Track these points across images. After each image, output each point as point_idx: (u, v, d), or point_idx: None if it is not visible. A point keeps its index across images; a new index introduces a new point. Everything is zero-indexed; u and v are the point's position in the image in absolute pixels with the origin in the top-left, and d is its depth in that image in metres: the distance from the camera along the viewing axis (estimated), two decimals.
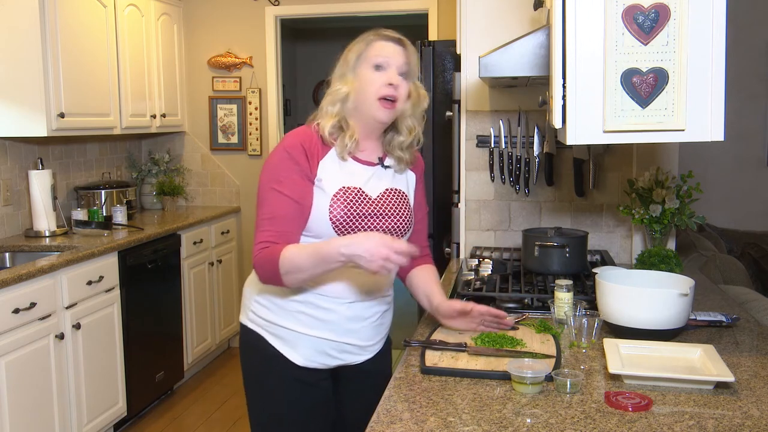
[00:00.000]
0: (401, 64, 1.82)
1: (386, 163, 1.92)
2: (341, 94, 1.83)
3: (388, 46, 1.82)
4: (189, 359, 4.38)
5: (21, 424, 2.89)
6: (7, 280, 2.80)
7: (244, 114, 5.08)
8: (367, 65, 1.81)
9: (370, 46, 1.83)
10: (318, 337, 1.86)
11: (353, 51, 1.84)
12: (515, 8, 2.85)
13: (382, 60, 1.81)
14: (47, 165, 3.92)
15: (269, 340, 1.89)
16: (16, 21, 3.48)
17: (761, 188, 4.82)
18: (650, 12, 1.72)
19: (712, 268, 3.24)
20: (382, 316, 1.96)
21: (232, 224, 5.00)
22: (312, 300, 1.84)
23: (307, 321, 1.85)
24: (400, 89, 1.82)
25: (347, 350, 1.90)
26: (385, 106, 1.81)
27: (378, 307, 1.93)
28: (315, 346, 1.86)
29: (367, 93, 1.81)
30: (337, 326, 1.86)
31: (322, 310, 1.84)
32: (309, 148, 1.81)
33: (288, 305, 1.86)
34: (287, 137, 1.86)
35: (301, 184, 1.79)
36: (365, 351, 1.93)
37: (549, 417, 1.40)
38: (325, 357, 1.88)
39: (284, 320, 1.86)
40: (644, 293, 1.84)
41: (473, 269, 2.66)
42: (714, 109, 1.74)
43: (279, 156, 1.82)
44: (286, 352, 1.87)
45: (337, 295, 1.84)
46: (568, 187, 2.97)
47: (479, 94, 3.00)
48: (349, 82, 1.82)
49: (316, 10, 4.95)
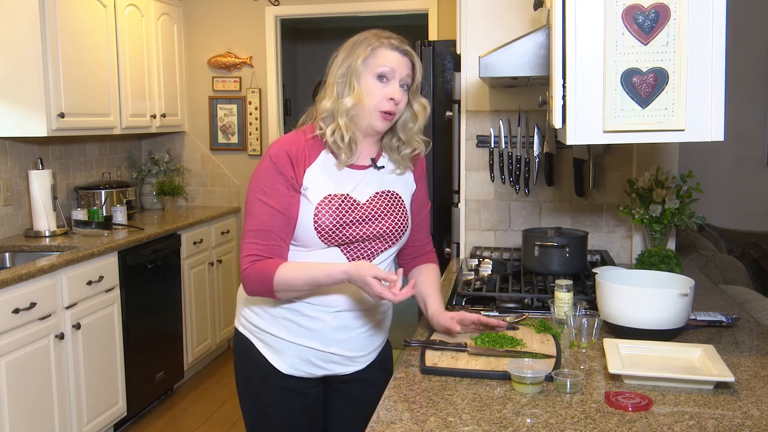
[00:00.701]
0: (405, 76, 1.78)
1: (380, 163, 1.88)
2: (347, 107, 1.78)
3: (394, 57, 1.77)
4: (189, 359, 4.38)
5: (21, 424, 2.89)
6: (7, 280, 2.80)
7: (244, 114, 5.08)
8: (370, 74, 1.77)
9: (375, 53, 1.77)
10: (303, 345, 1.83)
11: (360, 57, 1.77)
12: (515, 8, 2.85)
13: (386, 70, 1.77)
14: (47, 165, 3.92)
15: (258, 346, 1.88)
16: (16, 21, 3.48)
17: (761, 188, 4.82)
18: (650, 12, 1.72)
19: (712, 268, 3.24)
20: (374, 327, 1.91)
21: (232, 224, 5.00)
22: (298, 308, 1.82)
23: (293, 329, 1.83)
24: (401, 104, 1.79)
25: (334, 360, 1.86)
26: (384, 118, 1.79)
27: (370, 317, 1.88)
28: (300, 355, 1.84)
29: (368, 104, 1.77)
30: (323, 335, 1.83)
31: (307, 319, 1.82)
32: (295, 156, 1.77)
33: (275, 312, 1.84)
34: (273, 145, 1.82)
35: (286, 194, 1.76)
36: (354, 362, 1.89)
37: (549, 417, 1.40)
38: (310, 366, 1.86)
39: (272, 327, 1.85)
40: (644, 293, 1.84)
41: (473, 269, 2.66)
42: (714, 109, 1.74)
43: (265, 166, 1.78)
44: (272, 360, 1.86)
45: (324, 304, 1.81)
46: (568, 187, 2.97)
47: (479, 94, 3.00)
48: (356, 95, 1.77)
49: (316, 10, 4.95)
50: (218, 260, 4.75)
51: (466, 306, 2.22)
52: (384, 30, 1.84)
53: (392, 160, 1.90)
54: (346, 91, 1.78)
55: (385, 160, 1.90)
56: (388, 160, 1.90)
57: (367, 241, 1.82)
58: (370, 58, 1.77)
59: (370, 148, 1.88)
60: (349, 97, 1.77)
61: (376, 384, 1.83)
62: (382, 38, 1.79)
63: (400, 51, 1.78)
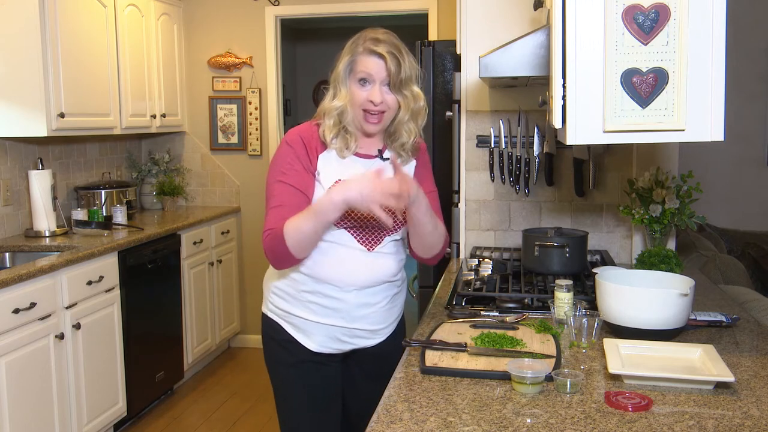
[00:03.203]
0: (383, 78, 1.89)
1: (385, 155, 2.00)
2: (336, 109, 1.92)
3: (371, 62, 1.88)
4: (189, 359, 4.38)
5: (21, 424, 2.89)
6: (7, 280, 2.80)
7: (244, 114, 5.08)
8: (353, 79, 1.91)
9: (355, 60, 1.90)
10: (330, 324, 1.98)
11: (343, 61, 1.92)
12: (515, 8, 2.85)
13: (365, 75, 1.89)
14: (47, 165, 3.92)
15: (286, 327, 2.02)
16: (16, 21, 3.48)
17: (761, 188, 4.82)
18: (650, 12, 1.72)
19: (712, 268, 3.24)
20: (391, 300, 2.05)
21: (232, 224, 5.00)
22: (320, 290, 1.95)
23: (318, 310, 1.97)
24: (385, 102, 1.89)
25: (358, 335, 2.01)
26: (371, 120, 1.92)
27: (386, 292, 2.02)
28: (327, 333, 1.99)
29: (354, 107, 1.91)
30: (347, 314, 1.97)
31: (330, 299, 1.95)
32: (308, 142, 1.93)
33: (300, 296, 1.98)
34: (289, 132, 1.97)
35: (304, 175, 1.90)
36: (377, 335, 2.04)
37: (549, 417, 1.40)
38: (338, 342, 2.01)
39: (298, 309, 1.99)
40: (644, 293, 1.84)
41: (473, 269, 2.66)
42: (714, 109, 1.74)
43: (282, 150, 1.94)
44: (302, 339, 2.01)
45: (344, 284, 1.94)
46: (568, 187, 2.97)
47: (479, 94, 3.00)
48: (342, 97, 1.91)
49: (316, 10, 4.95)
50: (218, 260, 4.75)
51: (465, 306, 2.22)
52: (375, 29, 1.94)
53: (394, 151, 2.00)
54: (336, 94, 1.94)
55: (390, 153, 2.01)
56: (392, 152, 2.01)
57: (373, 228, 1.94)
58: (350, 64, 1.91)
59: (376, 140, 2.00)
60: (336, 98, 1.93)
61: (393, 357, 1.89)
62: (366, 41, 1.90)
63: (376, 55, 1.88)
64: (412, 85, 1.92)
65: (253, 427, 3.84)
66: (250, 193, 5.09)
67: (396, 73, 1.88)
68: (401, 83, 1.89)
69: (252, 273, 5.13)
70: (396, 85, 1.89)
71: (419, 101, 1.95)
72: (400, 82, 1.89)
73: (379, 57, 1.88)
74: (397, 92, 1.90)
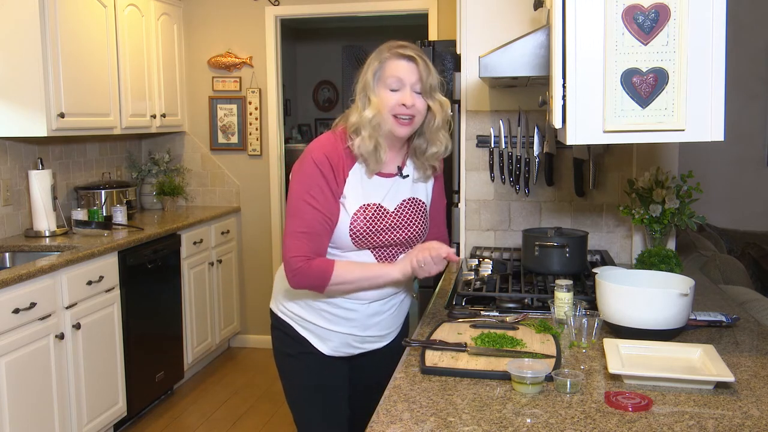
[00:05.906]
0: (414, 82, 1.89)
1: (405, 172, 2.02)
2: (371, 120, 1.90)
3: (401, 65, 1.89)
4: (189, 359, 4.38)
5: (21, 424, 2.89)
6: (7, 280, 2.80)
7: (244, 114, 5.08)
8: (383, 86, 1.90)
9: (384, 65, 1.91)
10: (344, 332, 2.04)
11: (371, 69, 1.92)
12: (515, 8, 2.85)
13: (396, 81, 1.89)
14: (47, 165, 3.92)
15: (299, 330, 2.07)
16: (15, 21, 3.48)
17: (761, 188, 4.82)
18: (650, 12, 1.72)
19: (712, 268, 3.24)
20: (399, 306, 2.12)
21: (232, 224, 5.00)
22: (335, 301, 2.00)
23: (333, 319, 2.02)
24: (416, 106, 1.90)
25: (369, 341, 2.09)
26: (402, 123, 1.91)
27: (395, 299, 2.08)
28: (341, 340, 2.06)
29: (385, 112, 1.90)
30: (359, 323, 2.04)
31: (345, 311, 2.01)
32: (335, 162, 1.92)
33: (314, 304, 2.02)
34: (315, 149, 1.94)
35: (331, 200, 1.91)
36: (385, 338, 2.12)
37: (549, 417, 1.40)
38: (350, 348, 2.08)
39: (312, 317, 2.03)
40: (644, 293, 1.84)
41: (473, 269, 2.66)
42: (714, 109, 1.74)
43: (311, 170, 1.91)
44: (315, 343, 2.06)
45: (359, 297, 1.99)
46: (568, 187, 2.97)
47: (479, 94, 3.00)
48: (374, 106, 1.90)
49: (316, 10, 4.95)
50: (218, 260, 4.75)
51: (465, 306, 2.22)
52: (396, 41, 1.95)
53: (416, 167, 2.03)
54: (366, 104, 1.92)
55: (410, 169, 2.03)
56: (413, 168, 2.04)
57: (393, 246, 2.01)
58: (379, 71, 1.92)
59: (396, 156, 2.02)
60: (368, 109, 1.91)
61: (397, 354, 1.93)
62: (392, 49, 1.91)
63: (407, 58, 1.89)
64: (438, 92, 1.94)
65: (253, 427, 3.84)
66: (250, 193, 5.09)
67: (426, 76, 1.89)
68: (431, 89, 1.91)
69: (252, 273, 5.13)
70: (426, 91, 1.90)
71: (447, 109, 1.96)
72: (429, 87, 1.90)
73: (409, 60, 1.89)
74: (428, 97, 1.91)
